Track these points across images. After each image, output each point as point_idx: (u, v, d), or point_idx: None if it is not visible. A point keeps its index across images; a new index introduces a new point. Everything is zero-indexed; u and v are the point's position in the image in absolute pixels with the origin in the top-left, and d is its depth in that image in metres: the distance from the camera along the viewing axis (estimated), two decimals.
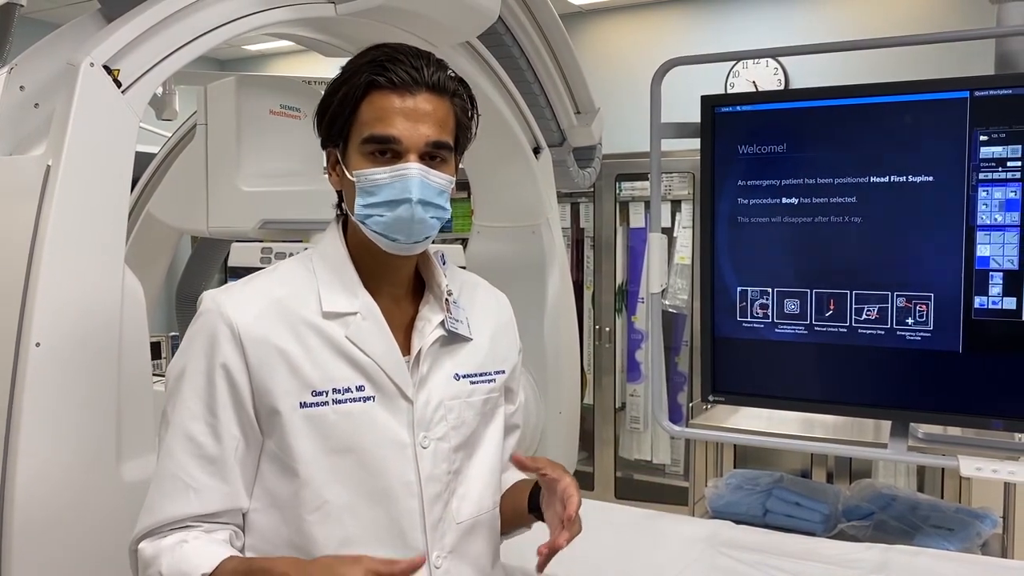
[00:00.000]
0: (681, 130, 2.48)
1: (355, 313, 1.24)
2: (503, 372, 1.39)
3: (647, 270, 2.59)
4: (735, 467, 3.13)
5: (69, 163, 1.47)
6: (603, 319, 4.64)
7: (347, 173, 1.23)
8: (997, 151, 2.07)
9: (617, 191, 4.56)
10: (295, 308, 1.22)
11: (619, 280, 4.64)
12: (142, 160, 2.17)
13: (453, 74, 1.25)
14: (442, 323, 1.29)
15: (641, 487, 4.64)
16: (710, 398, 2.47)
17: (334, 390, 1.20)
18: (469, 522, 1.29)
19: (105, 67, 1.51)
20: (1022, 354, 2.09)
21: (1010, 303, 2.09)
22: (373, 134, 1.19)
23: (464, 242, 2.94)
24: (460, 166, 2.96)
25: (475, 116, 1.30)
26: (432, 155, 1.22)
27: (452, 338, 1.30)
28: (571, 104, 2.92)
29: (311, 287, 1.25)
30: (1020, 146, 2.05)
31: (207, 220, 2.20)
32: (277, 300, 1.23)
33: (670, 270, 4.44)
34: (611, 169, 4.37)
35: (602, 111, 3.00)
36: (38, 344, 1.42)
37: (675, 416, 4.12)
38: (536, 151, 2.78)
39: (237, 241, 2.17)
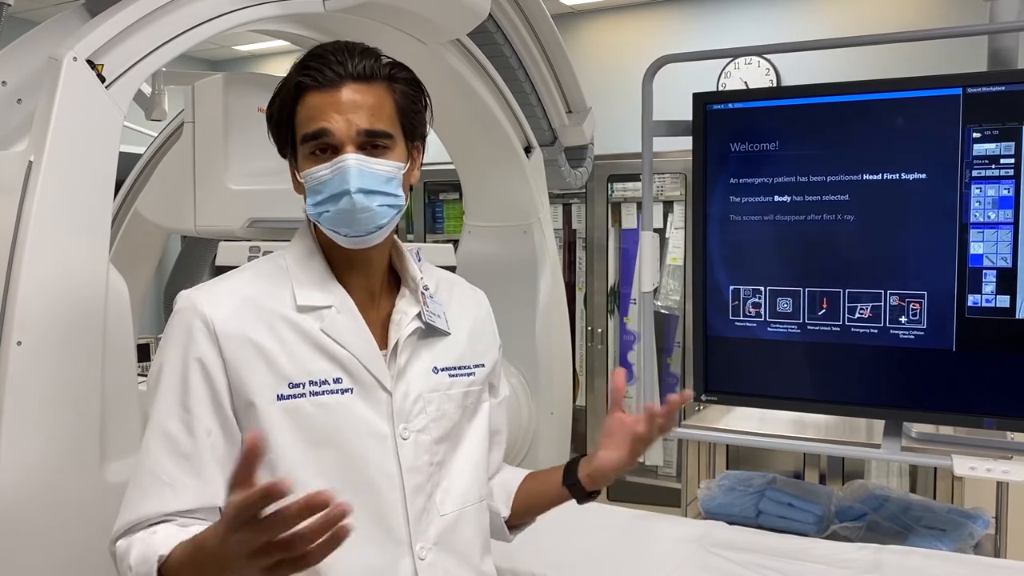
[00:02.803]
0: (673, 128, 2.47)
1: (329, 306, 1.25)
2: (483, 367, 1.39)
3: (639, 269, 2.58)
4: (727, 469, 3.12)
5: (52, 159, 1.45)
6: (595, 320, 4.62)
7: (298, 176, 1.25)
8: (990, 148, 2.07)
9: (609, 192, 4.55)
10: (269, 303, 1.23)
11: (611, 281, 4.63)
12: (128, 161, 2.15)
13: (387, 60, 1.26)
14: (418, 315, 1.30)
15: (633, 489, 4.62)
16: (703, 397, 2.46)
17: (311, 382, 1.21)
18: (454, 514, 1.30)
19: (89, 62, 1.49)
20: (1016, 352, 2.09)
21: (1003, 301, 2.08)
22: (307, 132, 1.21)
23: (456, 243, 2.93)
24: (452, 165, 2.96)
25: (424, 99, 1.30)
26: (372, 144, 1.21)
27: (430, 332, 1.31)
28: (562, 103, 2.91)
29: (284, 283, 1.26)
30: (1013, 143, 2.04)
31: (195, 219, 2.18)
32: (251, 296, 1.23)
33: (662, 271, 4.43)
34: (603, 170, 4.36)
35: (593, 111, 2.99)
36: (19, 343, 1.40)
37: None
38: (527, 150, 2.76)
39: (225, 240, 2.15)
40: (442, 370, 1.32)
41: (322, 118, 1.20)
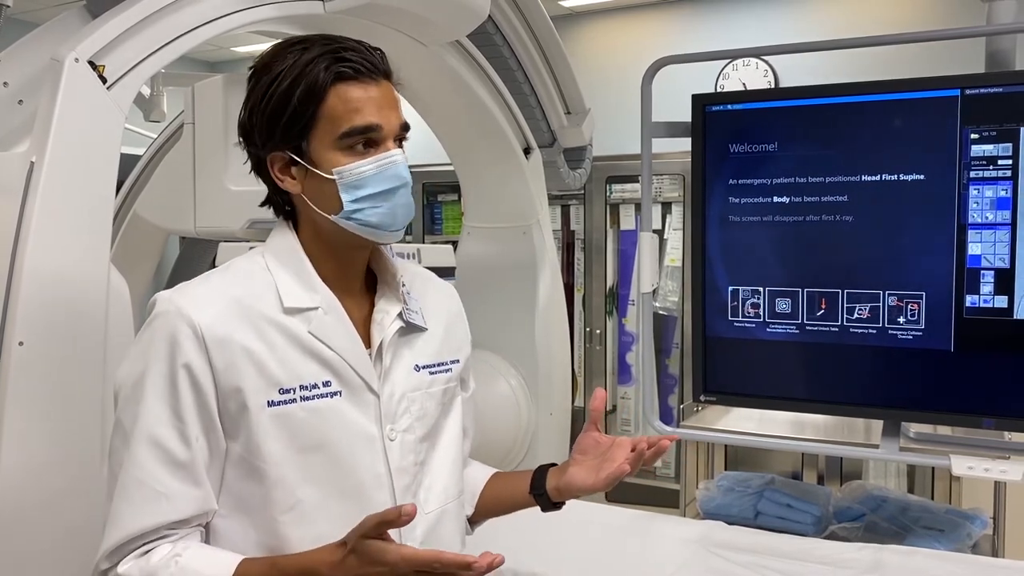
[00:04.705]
0: (672, 129, 2.47)
1: (316, 308, 1.22)
2: (458, 362, 1.39)
3: (638, 270, 2.58)
4: (726, 469, 3.12)
5: (53, 160, 1.45)
6: (594, 321, 4.63)
7: (318, 172, 1.19)
8: (988, 149, 2.07)
9: (608, 193, 4.56)
10: (255, 305, 1.19)
11: (610, 282, 4.63)
12: (127, 162, 2.15)
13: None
14: (400, 314, 1.28)
15: (632, 490, 4.61)
16: (701, 398, 2.46)
17: (301, 387, 1.18)
18: (437, 512, 1.29)
19: (90, 63, 1.50)
20: (1014, 353, 2.09)
21: (1001, 301, 2.08)
22: (354, 127, 1.17)
23: (455, 244, 2.93)
24: (451, 166, 2.95)
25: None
26: (401, 139, 1.23)
27: (408, 329, 1.30)
28: (561, 104, 2.92)
29: (268, 284, 1.22)
30: (1011, 144, 2.05)
31: (195, 220, 2.18)
32: (236, 298, 1.19)
33: (660, 272, 4.44)
34: (602, 172, 4.36)
35: (592, 112, 2.99)
36: (21, 343, 1.41)
37: (666, 418, 4.10)
38: (526, 151, 2.77)
39: (225, 241, 2.15)
40: (423, 368, 1.31)
41: (368, 112, 1.18)
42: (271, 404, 1.16)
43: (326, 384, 1.20)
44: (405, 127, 1.22)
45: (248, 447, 1.17)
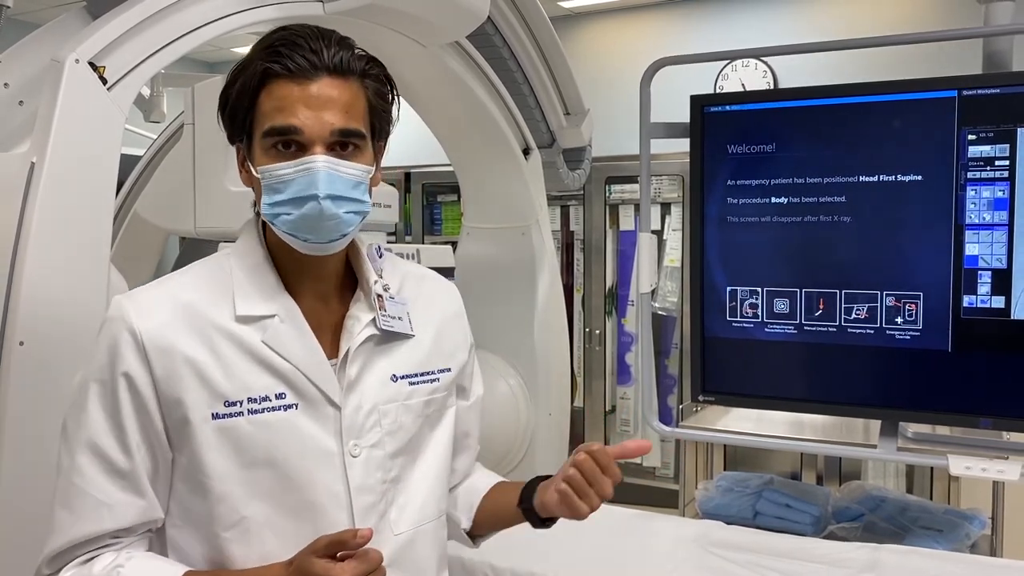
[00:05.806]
0: (671, 130, 2.48)
1: (273, 316, 1.14)
2: (449, 370, 1.29)
3: (638, 270, 2.59)
4: (725, 470, 3.13)
5: (54, 160, 1.46)
6: (593, 322, 4.63)
7: (253, 170, 1.13)
8: (985, 150, 2.08)
9: (607, 194, 4.56)
10: (206, 313, 1.13)
11: (609, 283, 4.63)
12: (127, 163, 2.16)
13: (362, 53, 1.16)
14: (373, 321, 1.19)
15: (631, 490, 4.63)
16: (700, 398, 2.47)
17: (249, 399, 1.12)
18: (410, 533, 1.21)
19: (91, 64, 1.50)
20: (1011, 353, 2.10)
21: (999, 302, 2.09)
22: (273, 126, 1.10)
23: (454, 244, 2.94)
24: (451, 167, 2.94)
25: (395, 98, 1.20)
26: (342, 144, 1.12)
27: (389, 336, 1.21)
28: (560, 105, 2.92)
29: (225, 290, 1.15)
30: (1008, 145, 2.05)
31: (194, 220, 2.19)
32: (186, 305, 1.13)
33: (660, 272, 4.44)
34: (601, 172, 4.37)
35: (591, 113, 3.00)
36: (22, 343, 1.41)
37: (665, 418, 4.11)
38: (526, 152, 2.77)
39: (225, 241, 2.15)
40: (401, 378, 1.22)
41: (291, 112, 1.09)
42: (216, 417, 1.11)
43: (279, 396, 1.13)
44: (345, 132, 1.11)
45: (192, 460, 1.12)
